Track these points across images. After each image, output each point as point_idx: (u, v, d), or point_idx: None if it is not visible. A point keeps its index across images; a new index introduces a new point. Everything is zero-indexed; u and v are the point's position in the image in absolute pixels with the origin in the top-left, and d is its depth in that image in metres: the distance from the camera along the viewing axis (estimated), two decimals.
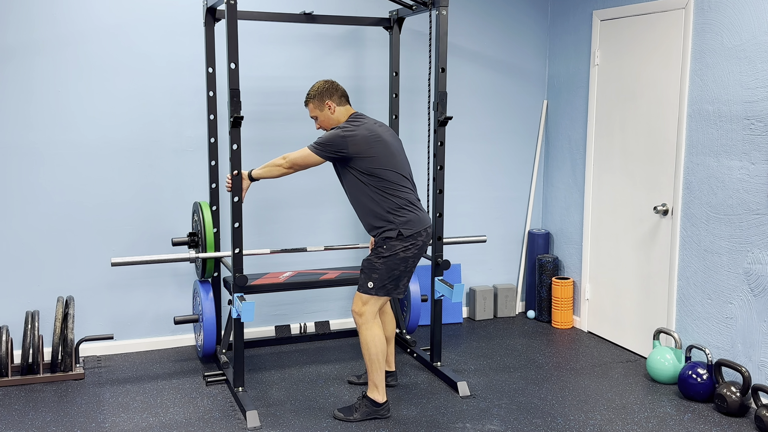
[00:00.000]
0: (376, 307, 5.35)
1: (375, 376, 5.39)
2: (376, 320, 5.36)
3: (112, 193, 6.45)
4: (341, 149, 5.20)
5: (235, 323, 5.50)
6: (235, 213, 5.34)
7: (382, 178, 5.24)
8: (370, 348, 5.34)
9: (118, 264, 5.72)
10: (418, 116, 7.14)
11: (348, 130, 5.24)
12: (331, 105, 5.41)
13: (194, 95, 6.55)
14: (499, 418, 5.37)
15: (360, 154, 5.21)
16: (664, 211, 6.31)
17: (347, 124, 5.34)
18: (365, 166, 5.23)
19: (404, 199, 5.29)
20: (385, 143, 5.30)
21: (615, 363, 6.52)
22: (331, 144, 5.22)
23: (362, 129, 5.27)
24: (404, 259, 5.29)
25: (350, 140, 5.19)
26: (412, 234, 5.26)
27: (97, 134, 6.34)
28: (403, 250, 5.26)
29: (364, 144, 5.21)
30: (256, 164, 6.12)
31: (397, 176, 5.30)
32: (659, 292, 6.43)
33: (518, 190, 7.91)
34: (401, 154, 5.45)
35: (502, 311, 7.85)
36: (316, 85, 5.47)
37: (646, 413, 5.49)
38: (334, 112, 5.42)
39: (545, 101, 7.84)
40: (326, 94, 5.41)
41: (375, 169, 5.23)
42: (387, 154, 5.28)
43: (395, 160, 5.32)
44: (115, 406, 5.55)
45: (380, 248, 5.29)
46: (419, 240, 5.30)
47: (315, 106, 5.44)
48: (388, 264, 5.26)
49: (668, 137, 6.25)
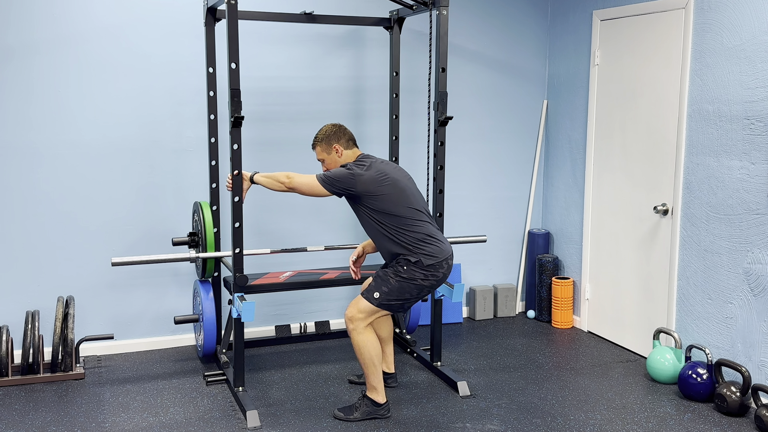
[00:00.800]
0: (371, 318, 5.30)
1: (372, 379, 5.37)
2: (367, 328, 5.31)
3: (112, 193, 6.45)
4: (349, 187, 5.18)
5: (236, 323, 5.50)
6: (235, 213, 5.34)
7: (396, 215, 5.21)
8: (363, 353, 5.31)
9: (119, 264, 5.71)
10: (418, 116, 7.13)
11: (357, 171, 5.21)
12: (338, 149, 5.39)
13: (194, 95, 6.54)
14: (499, 418, 5.37)
15: (369, 193, 5.19)
16: (664, 210, 6.31)
17: (355, 164, 5.31)
18: (377, 205, 5.21)
19: (422, 233, 5.24)
20: (393, 181, 5.26)
21: (615, 363, 6.52)
22: (340, 181, 5.19)
23: (370, 169, 5.24)
24: (420, 287, 5.23)
25: (358, 179, 5.17)
26: (432, 264, 5.20)
27: (97, 134, 6.34)
28: (423, 278, 5.20)
29: (373, 183, 5.19)
30: (256, 164, 6.14)
31: (411, 211, 5.25)
32: (659, 291, 6.43)
33: (518, 189, 7.91)
34: (412, 188, 5.40)
35: (502, 311, 7.84)
36: (324, 128, 5.46)
37: (646, 413, 5.49)
38: (341, 156, 5.40)
39: (545, 101, 7.84)
40: (334, 137, 5.40)
41: (387, 208, 5.20)
42: (397, 192, 5.24)
43: (406, 195, 5.28)
44: (116, 405, 5.55)
45: (401, 267, 5.22)
46: (440, 272, 5.24)
47: (322, 149, 5.42)
48: (403, 285, 5.21)
49: (668, 137, 6.24)
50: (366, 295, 5.27)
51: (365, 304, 5.25)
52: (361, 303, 5.27)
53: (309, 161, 6.13)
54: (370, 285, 5.30)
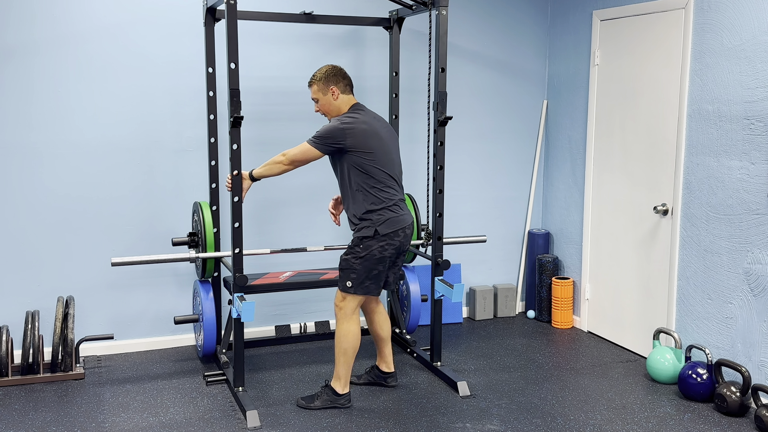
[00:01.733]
0: (355, 303, 5.42)
1: (340, 369, 5.47)
2: (354, 315, 5.43)
3: (112, 193, 6.44)
4: (339, 141, 5.23)
5: (235, 323, 5.49)
6: (235, 213, 5.34)
7: (369, 175, 5.28)
8: (341, 341, 5.42)
9: (119, 264, 5.72)
10: (418, 116, 7.13)
11: (347, 123, 5.27)
12: (335, 91, 5.41)
13: (194, 95, 6.54)
14: (499, 418, 5.36)
15: (355, 147, 5.24)
16: (664, 210, 6.30)
17: (347, 116, 5.36)
18: (357, 160, 5.26)
19: (385, 199, 5.32)
20: (380, 140, 5.33)
21: (615, 363, 6.51)
22: (330, 136, 5.24)
23: (360, 123, 5.30)
24: (381, 259, 5.33)
25: (348, 132, 5.22)
26: (388, 233, 5.30)
27: (97, 134, 6.34)
28: (380, 249, 5.30)
29: (362, 137, 5.25)
30: (256, 164, 6.11)
31: (384, 175, 5.33)
32: (659, 292, 6.42)
33: (518, 189, 7.91)
34: (394, 152, 5.49)
35: (502, 311, 7.84)
36: (324, 68, 5.47)
37: (646, 413, 5.48)
38: (336, 99, 5.43)
39: (545, 101, 7.83)
40: (332, 79, 5.41)
41: (365, 165, 5.26)
42: (380, 152, 5.31)
43: (386, 159, 5.35)
44: (115, 405, 5.55)
45: (357, 247, 5.34)
46: (396, 240, 5.34)
47: (319, 89, 5.43)
48: (365, 264, 5.32)
49: (668, 137, 6.24)
50: (341, 286, 5.41)
51: (344, 294, 5.41)
52: (341, 293, 5.43)
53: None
54: (340, 276, 5.41)
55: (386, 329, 5.85)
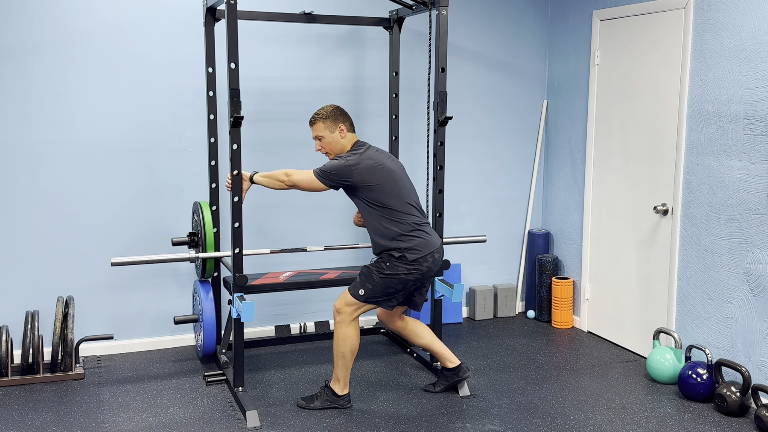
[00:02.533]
0: (357, 312, 5.42)
1: (339, 371, 5.48)
2: (353, 321, 5.42)
3: (112, 193, 6.44)
4: (346, 179, 5.26)
5: (235, 323, 5.49)
6: (235, 213, 5.33)
7: (387, 207, 5.30)
8: (340, 345, 5.42)
9: (118, 264, 5.70)
10: (418, 116, 7.13)
11: (352, 160, 5.29)
12: (343, 129, 5.45)
13: (194, 95, 6.53)
14: (499, 418, 5.36)
15: (365, 183, 5.27)
16: (664, 210, 6.30)
17: (351, 153, 5.39)
18: (370, 195, 5.30)
19: (410, 225, 5.33)
20: (388, 171, 5.36)
21: (615, 363, 6.51)
22: (337, 174, 5.27)
23: (366, 158, 5.33)
24: (404, 281, 5.34)
25: (355, 169, 5.25)
26: (416, 258, 5.30)
27: (97, 134, 6.33)
28: (406, 273, 5.31)
29: (369, 173, 5.27)
30: (255, 164, 6.12)
31: (401, 203, 5.34)
32: (659, 292, 6.42)
33: (518, 189, 7.90)
34: (405, 179, 5.50)
35: (502, 311, 7.83)
36: (328, 107, 5.51)
37: (646, 413, 5.48)
38: (344, 137, 5.47)
39: (545, 101, 7.83)
40: (340, 117, 5.46)
41: (380, 198, 5.29)
42: (390, 183, 5.33)
43: (398, 187, 5.37)
44: (115, 406, 5.54)
45: (383, 264, 5.33)
46: (424, 265, 5.34)
47: (326, 126, 5.44)
48: (386, 282, 5.32)
49: (668, 137, 6.24)
50: (352, 291, 5.39)
51: (351, 299, 5.39)
52: (348, 297, 5.41)
53: (309, 161, 6.11)
54: (356, 281, 5.42)
55: (424, 335, 5.80)
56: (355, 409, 5.51)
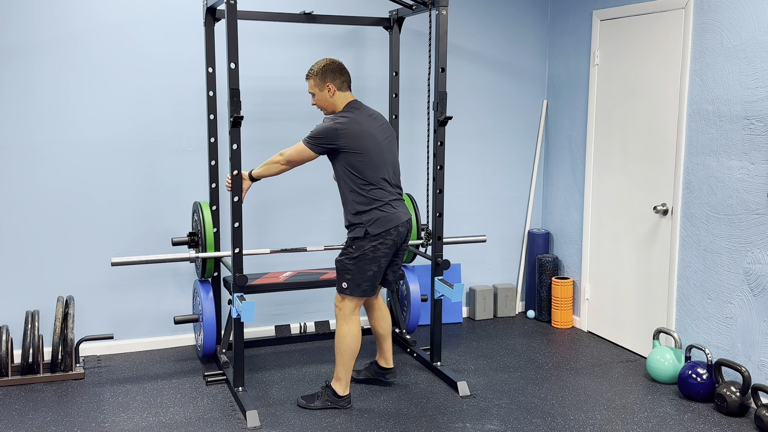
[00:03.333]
0: (353, 304, 5.40)
1: (340, 369, 5.45)
2: (354, 316, 5.41)
3: (112, 193, 6.44)
4: (332, 141, 5.22)
5: (235, 323, 5.48)
6: (235, 213, 5.33)
7: (359, 176, 5.25)
8: (341, 342, 5.40)
9: (118, 264, 5.72)
10: (418, 116, 7.13)
11: (339, 123, 5.24)
12: (331, 88, 5.36)
13: (194, 95, 6.54)
14: (499, 418, 5.36)
15: (348, 148, 5.22)
16: (664, 210, 6.30)
17: (341, 115, 5.33)
18: (349, 160, 5.25)
19: (375, 199, 5.28)
20: (374, 140, 5.30)
21: (615, 363, 6.51)
22: (322, 137, 5.23)
23: (354, 123, 5.26)
24: (374, 258, 5.31)
25: (342, 133, 5.20)
26: (380, 232, 5.26)
27: (97, 134, 6.33)
28: (372, 249, 5.28)
29: (354, 138, 5.22)
30: (256, 164, 6.11)
31: (374, 176, 5.28)
32: (659, 291, 6.42)
33: (518, 189, 7.90)
34: (389, 151, 5.42)
35: (502, 311, 7.83)
36: (321, 62, 5.41)
37: (646, 413, 5.48)
38: (333, 95, 5.38)
39: (545, 101, 7.83)
40: (329, 75, 5.36)
41: (356, 166, 5.24)
42: (374, 153, 5.28)
43: (379, 160, 5.30)
44: (115, 405, 5.54)
45: (349, 248, 5.34)
46: (388, 239, 5.30)
47: (315, 83, 5.39)
48: (359, 265, 5.30)
49: (668, 137, 6.24)
50: (338, 288, 5.41)
51: (342, 295, 5.40)
52: (338, 295, 5.42)
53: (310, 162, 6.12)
54: (337, 277, 5.42)
55: (385, 325, 5.83)
56: (355, 409, 5.51)
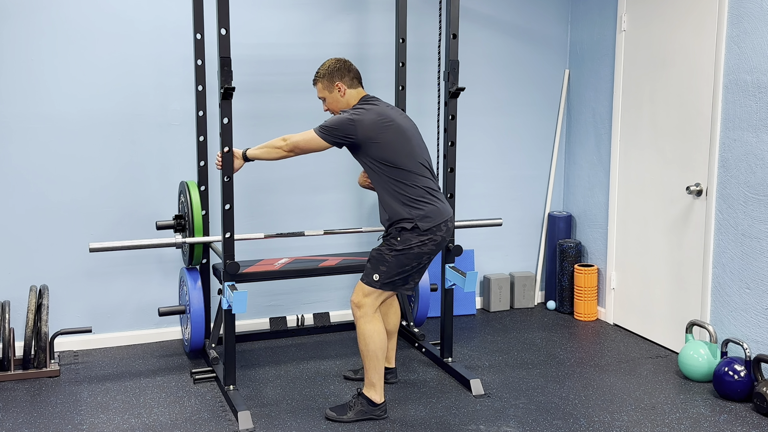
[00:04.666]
0: (378, 301, 5.33)
1: (372, 375, 5.37)
2: (376, 314, 5.34)
3: (90, 172, 6.44)
4: (349, 135, 5.18)
5: (226, 315, 5.48)
6: (225, 194, 5.32)
7: (396, 167, 5.20)
8: (368, 343, 5.32)
9: (97, 250, 5.66)
10: (427, 87, 7.12)
11: (356, 114, 5.21)
12: (341, 87, 5.38)
13: (181, 64, 6.53)
14: (516, 420, 5.36)
15: (370, 139, 5.18)
16: (698, 191, 6.29)
17: (356, 107, 5.32)
18: (377, 153, 5.20)
19: (422, 189, 5.24)
20: (397, 127, 5.26)
21: (644, 359, 6.52)
22: (338, 129, 5.18)
23: (372, 113, 5.23)
24: (419, 255, 5.25)
25: (359, 125, 5.16)
26: (430, 228, 5.21)
27: (73, 107, 6.32)
28: (419, 245, 5.22)
29: (374, 129, 5.18)
30: (248, 140, 6.11)
31: (414, 163, 5.25)
32: (692, 280, 6.42)
33: (537, 168, 7.91)
34: (417, 138, 5.40)
35: (520, 302, 7.85)
36: (326, 63, 5.44)
37: (678, 414, 5.48)
38: (344, 95, 5.40)
39: (567, 70, 7.82)
40: (337, 74, 5.38)
41: (388, 157, 5.19)
42: (401, 140, 5.24)
43: (410, 146, 5.28)
44: (94, 406, 5.55)
45: (394, 240, 5.25)
46: (438, 235, 5.25)
47: (324, 86, 5.41)
48: (400, 259, 5.23)
49: (702, 110, 6.21)
50: (366, 279, 5.30)
51: (368, 289, 5.29)
52: (364, 288, 5.30)
53: None
54: (367, 268, 5.33)
55: (395, 321, 5.84)
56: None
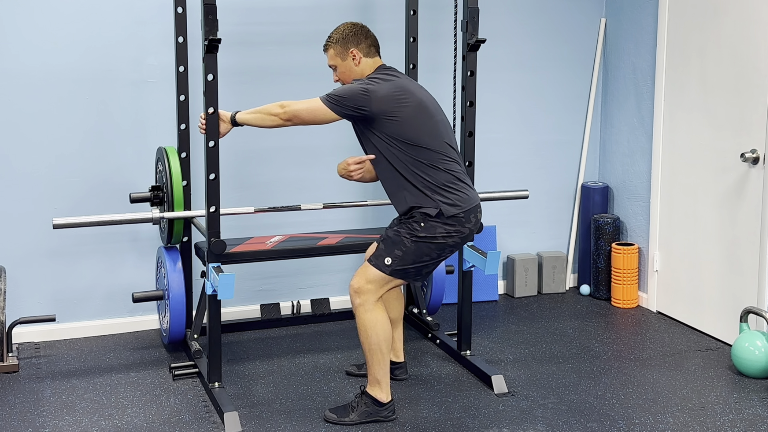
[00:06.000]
0: (383, 290, 5.29)
1: (376, 370, 5.34)
2: (378, 303, 5.30)
3: (53, 135, 6.43)
4: (362, 106, 5.12)
5: (210, 301, 5.47)
6: (210, 161, 5.28)
7: (418, 145, 5.16)
8: (370, 335, 5.28)
9: (62, 226, 5.68)
10: (443, 39, 7.07)
11: (372, 84, 5.17)
12: (356, 54, 5.36)
13: (158, 11, 6.51)
14: (545, 422, 5.34)
15: (386, 114, 5.13)
16: (754, 158, 6.25)
17: (372, 76, 5.29)
18: (394, 130, 5.15)
19: (448, 173, 5.20)
20: (419, 102, 5.23)
21: (691, 351, 6.51)
22: (350, 98, 5.14)
23: (389, 84, 5.20)
24: (441, 246, 5.21)
25: (374, 95, 5.11)
26: (456, 215, 5.16)
27: (35, 61, 6.31)
28: (445, 235, 5.17)
29: (392, 102, 5.13)
30: (235, 99, 6.05)
31: (438, 142, 5.21)
32: (748, 262, 6.38)
33: (569, 132, 7.90)
34: (441, 116, 5.37)
35: (549, 286, 7.88)
36: (341, 27, 5.43)
37: (731, 415, 5.45)
38: (359, 64, 5.39)
39: (603, 20, 7.79)
40: (352, 40, 5.37)
41: (408, 134, 5.15)
42: (423, 116, 5.20)
43: (433, 123, 5.24)
44: (58, 405, 5.53)
45: (416, 224, 5.17)
46: (466, 226, 5.21)
47: (336, 53, 5.40)
48: (420, 246, 5.18)
49: (759, 66, 6.17)
50: (375, 261, 5.23)
51: (375, 273, 5.22)
52: (369, 272, 5.23)
53: (304, 96, 6.04)
54: (379, 249, 5.27)
55: (399, 308, 5.83)
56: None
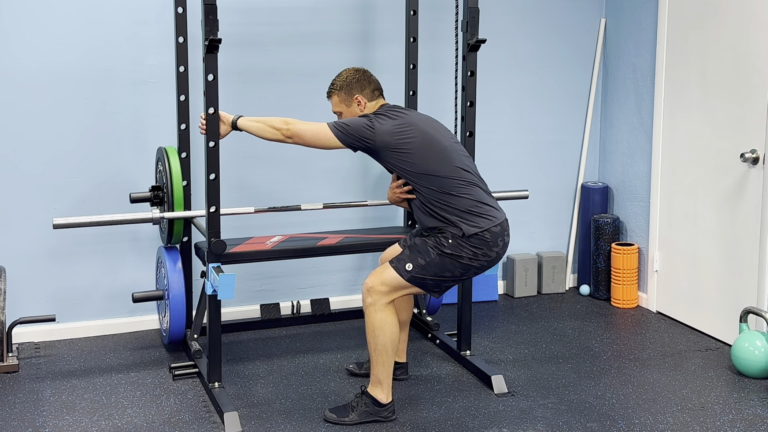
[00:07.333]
0: (396, 294, 5.29)
1: (380, 371, 5.34)
2: (388, 305, 5.29)
3: (54, 136, 6.43)
4: (366, 140, 5.18)
5: (210, 301, 5.49)
6: (210, 162, 5.30)
7: (430, 175, 5.18)
8: (377, 335, 5.27)
9: (62, 226, 5.69)
10: (443, 39, 7.08)
11: (374, 121, 5.22)
12: (361, 100, 5.44)
13: (159, 12, 6.51)
14: (545, 422, 5.35)
15: (390, 148, 5.19)
16: (754, 159, 6.25)
17: (377, 113, 5.34)
18: (403, 163, 5.21)
19: (470, 200, 5.20)
20: (423, 134, 5.25)
21: (691, 351, 6.51)
22: (355, 131, 5.19)
23: (393, 120, 5.24)
24: (466, 267, 5.20)
25: (378, 130, 5.17)
26: (484, 239, 5.15)
27: (34, 61, 6.31)
28: (471, 257, 5.17)
29: (395, 135, 5.18)
30: (236, 99, 6.07)
31: (450, 169, 5.21)
32: (747, 261, 6.39)
33: (568, 132, 7.91)
34: (450, 141, 5.38)
35: (548, 286, 7.88)
36: (343, 74, 5.50)
37: (731, 415, 5.46)
38: (364, 109, 5.47)
39: (603, 20, 7.80)
40: (356, 86, 5.44)
41: (417, 166, 5.18)
42: (430, 146, 5.23)
43: (441, 150, 5.25)
44: (57, 405, 5.54)
45: (444, 239, 5.17)
46: (493, 251, 5.21)
47: (341, 100, 5.47)
48: (445, 261, 5.17)
49: (759, 66, 6.18)
50: (396, 264, 5.24)
51: (392, 276, 5.22)
52: (387, 273, 5.24)
53: (304, 97, 6.08)
54: (403, 253, 5.29)
55: (407, 313, 5.84)
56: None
